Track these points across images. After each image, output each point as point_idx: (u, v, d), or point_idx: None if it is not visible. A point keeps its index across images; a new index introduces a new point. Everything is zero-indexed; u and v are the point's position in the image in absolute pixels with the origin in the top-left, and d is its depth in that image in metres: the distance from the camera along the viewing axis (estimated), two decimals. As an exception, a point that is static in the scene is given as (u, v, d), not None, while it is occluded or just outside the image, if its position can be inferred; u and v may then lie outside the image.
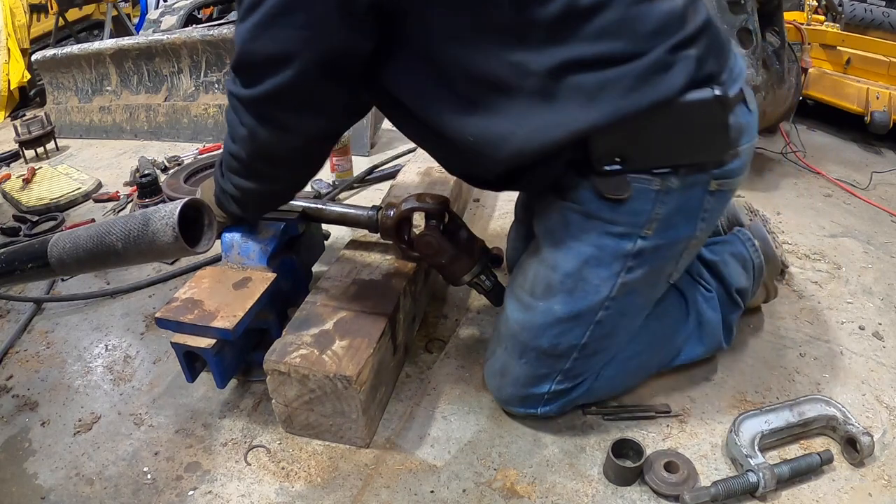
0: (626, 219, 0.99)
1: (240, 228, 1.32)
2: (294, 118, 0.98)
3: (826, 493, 1.02)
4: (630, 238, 1.00)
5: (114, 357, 1.46)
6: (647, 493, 1.04)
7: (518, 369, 1.12)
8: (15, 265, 1.30)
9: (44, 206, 2.26)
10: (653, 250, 1.01)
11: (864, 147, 2.44)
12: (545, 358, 1.09)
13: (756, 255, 1.24)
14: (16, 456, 1.21)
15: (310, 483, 1.10)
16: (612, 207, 0.99)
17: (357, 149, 2.47)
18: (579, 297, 1.04)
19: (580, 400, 1.16)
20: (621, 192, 0.96)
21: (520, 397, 1.15)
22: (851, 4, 2.59)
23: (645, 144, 0.95)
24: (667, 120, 0.92)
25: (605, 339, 1.09)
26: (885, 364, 1.30)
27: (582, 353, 1.09)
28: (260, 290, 1.21)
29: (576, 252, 1.03)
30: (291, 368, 1.09)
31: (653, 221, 0.98)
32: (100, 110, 3.11)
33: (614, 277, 1.02)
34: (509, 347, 1.13)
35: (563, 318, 1.06)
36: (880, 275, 1.60)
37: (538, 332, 1.08)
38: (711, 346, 1.23)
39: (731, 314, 1.23)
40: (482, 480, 1.08)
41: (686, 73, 0.90)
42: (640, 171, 0.96)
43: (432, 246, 1.27)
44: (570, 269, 1.04)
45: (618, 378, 1.17)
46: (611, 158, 0.95)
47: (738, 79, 0.98)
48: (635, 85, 0.89)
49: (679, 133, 0.94)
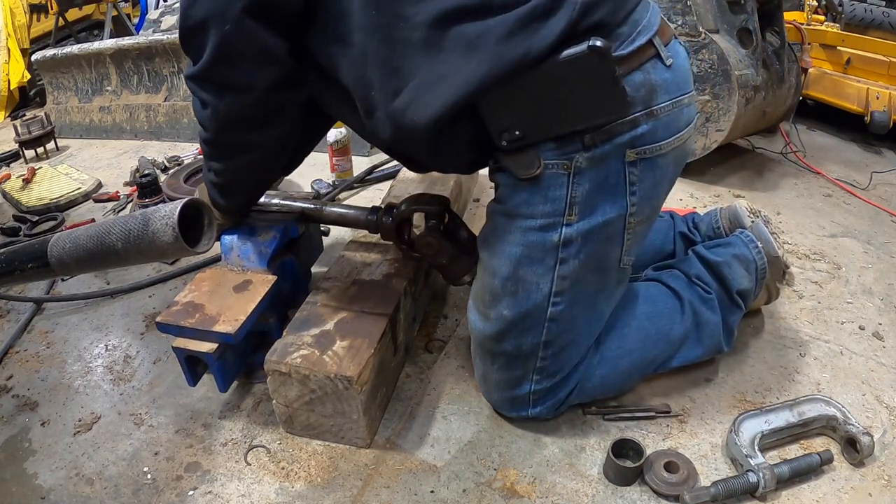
0: (543, 209, 0.97)
1: (239, 230, 1.32)
2: (243, 74, 0.99)
3: (826, 493, 1.02)
4: (554, 229, 0.97)
5: (114, 357, 1.46)
6: (647, 493, 1.04)
7: (495, 374, 1.14)
8: (15, 265, 1.30)
9: (44, 206, 2.26)
10: (583, 236, 0.98)
11: (864, 147, 2.44)
12: (514, 360, 1.10)
13: (759, 256, 1.24)
14: (16, 456, 1.21)
15: (310, 483, 1.10)
16: (528, 198, 0.97)
17: (357, 149, 2.47)
18: (522, 298, 1.03)
19: (574, 400, 1.16)
20: (532, 168, 0.93)
21: (507, 400, 1.16)
22: (851, 4, 2.60)
23: (534, 111, 0.91)
24: (548, 78, 0.87)
25: (567, 333, 1.07)
26: (885, 364, 1.30)
27: (547, 351, 1.08)
28: (261, 294, 1.21)
29: (507, 255, 1.02)
30: (292, 369, 1.09)
31: (573, 206, 0.95)
32: (100, 110, 3.11)
33: (550, 272, 1.00)
34: (481, 355, 1.15)
35: (515, 321, 1.05)
36: (880, 275, 1.60)
37: (498, 338, 1.08)
38: (710, 347, 1.22)
39: (732, 316, 1.23)
40: (482, 480, 1.08)
41: (566, 19, 0.84)
42: (541, 141, 0.92)
43: (433, 246, 1.27)
44: (506, 272, 1.03)
45: (610, 377, 1.16)
46: (509, 131, 0.92)
47: (643, 32, 0.92)
48: (512, 31, 0.84)
49: (565, 92, 0.88)
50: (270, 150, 1.17)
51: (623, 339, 1.16)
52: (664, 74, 0.95)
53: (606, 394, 1.19)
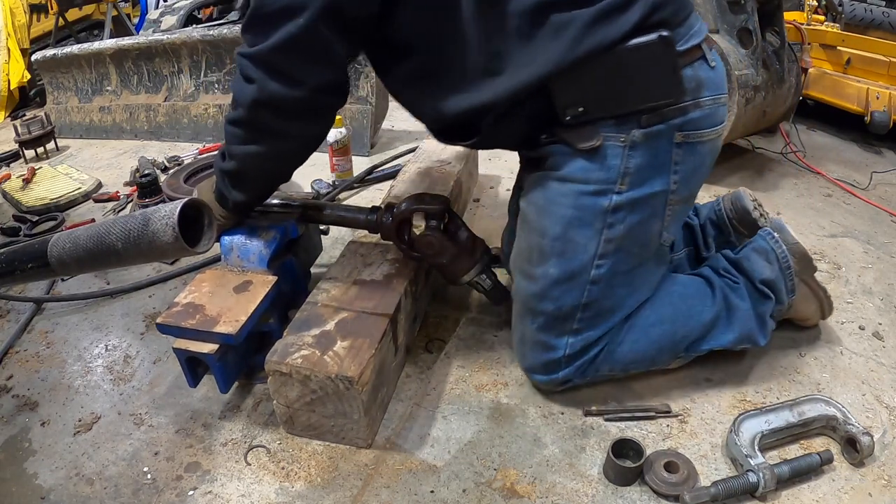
0: (598, 176, 1.05)
1: (239, 231, 1.32)
2: (299, 69, 1.03)
3: (826, 493, 1.02)
4: (605, 195, 1.06)
5: (114, 357, 1.46)
6: (647, 493, 1.04)
7: (532, 335, 1.19)
8: (15, 265, 1.30)
9: (44, 206, 2.26)
10: (630, 205, 1.07)
11: (864, 147, 2.44)
12: (553, 321, 1.16)
13: (776, 244, 1.25)
14: (16, 456, 1.21)
15: (310, 483, 1.10)
16: (585, 166, 1.06)
17: (357, 149, 2.47)
18: (570, 257, 1.11)
19: (603, 366, 1.19)
20: (592, 140, 1.03)
21: (541, 363, 1.20)
22: (851, 4, 2.60)
23: (601, 90, 1.01)
24: (617, 63, 0.99)
25: (605, 299, 1.14)
26: (885, 364, 1.30)
27: (585, 313, 1.14)
28: (262, 294, 1.21)
29: (559, 216, 1.10)
30: (293, 369, 1.09)
31: (625, 176, 1.05)
32: (100, 110, 3.11)
33: (598, 234, 1.09)
34: (521, 315, 1.21)
35: (559, 280, 1.12)
36: (880, 275, 1.60)
37: (541, 297, 1.15)
38: (743, 335, 1.22)
39: (761, 306, 1.23)
40: (482, 480, 1.08)
41: (640, 13, 0.97)
42: (602, 119, 1.03)
43: (433, 246, 1.27)
44: (556, 232, 1.10)
45: (639, 344, 1.18)
46: (573, 107, 1.02)
47: (695, 35, 1.06)
48: (595, 20, 0.97)
49: (631, 76, 1.00)
50: (297, 145, 1.19)
51: (654, 310, 1.19)
52: (709, 73, 1.07)
53: (636, 360, 1.20)
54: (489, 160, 2.39)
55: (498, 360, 1.35)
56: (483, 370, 1.33)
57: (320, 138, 1.20)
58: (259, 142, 1.13)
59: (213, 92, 2.90)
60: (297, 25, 0.97)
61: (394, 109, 3.04)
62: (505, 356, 1.36)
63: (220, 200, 1.26)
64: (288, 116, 1.09)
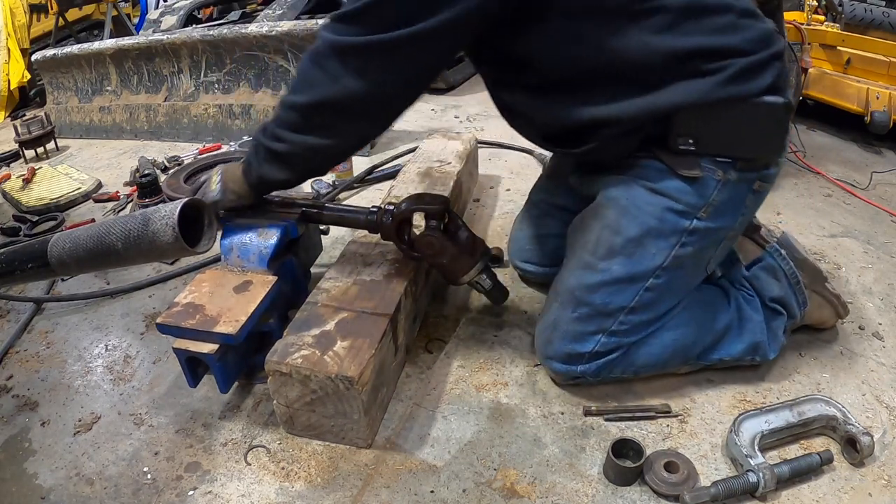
0: (689, 200, 1.11)
1: (239, 230, 1.32)
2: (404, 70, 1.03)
3: (826, 493, 1.02)
4: (688, 217, 1.12)
5: (114, 357, 1.46)
6: (647, 493, 1.04)
7: (568, 324, 1.20)
8: (15, 265, 1.30)
9: (44, 206, 2.26)
10: (703, 232, 1.14)
11: (864, 147, 2.44)
12: (595, 315, 1.18)
13: (784, 262, 1.28)
14: (16, 456, 1.21)
15: (310, 483, 1.10)
16: (681, 187, 1.11)
17: (357, 149, 2.47)
18: (637, 261, 1.15)
19: (617, 368, 1.21)
20: (693, 170, 1.09)
21: (565, 353, 1.20)
22: (851, 4, 2.59)
23: (719, 131, 1.07)
24: (744, 113, 1.06)
25: (650, 307, 1.18)
26: (885, 364, 1.30)
27: (627, 316, 1.17)
28: (262, 294, 1.21)
29: (640, 221, 1.14)
30: (293, 369, 1.09)
31: (709, 206, 1.12)
32: (100, 110, 3.11)
33: (669, 249, 1.14)
34: (564, 302, 1.21)
35: (619, 279, 1.16)
36: (880, 275, 1.60)
37: (594, 289, 1.17)
38: (752, 345, 1.23)
39: (773, 321, 1.25)
40: (482, 480, 1.08)
41: (773, 76, 1.06)
42: (708, 155, 1.09)
43: (433, 246, 1.27)
44: (633, 235, 1.14)
45: (654, 347, 1.20)
46: (686, 139, 1.08)
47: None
48: (737, 75, 1.03)
49: (750, 127, 1.08)
50: (354, 143, 1.20)
51: (671, 315, 1.21)
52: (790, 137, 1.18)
53: (647, 367, 1.22)
54: (489, 160, 2.39)
55: (498, 360, 1.35)
56: (483, 370, 1.33)
57: (376, 135, 1.20)
58: (316, 134, 1.11)
59: (213, 92, 2.90)
60: (435, 21, 0.94)
61: (394, 109, 3.04)
62: (505, 356, 1.36)
63: (246, 173, 1.22)
64: (354, 117, 1.08)
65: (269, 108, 2.75)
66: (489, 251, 1.36)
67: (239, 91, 2.86)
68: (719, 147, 1.09)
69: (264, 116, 2.77)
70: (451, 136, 2.09)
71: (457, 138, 2.07)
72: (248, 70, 2.81)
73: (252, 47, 2.72)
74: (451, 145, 2.01)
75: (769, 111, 1.07)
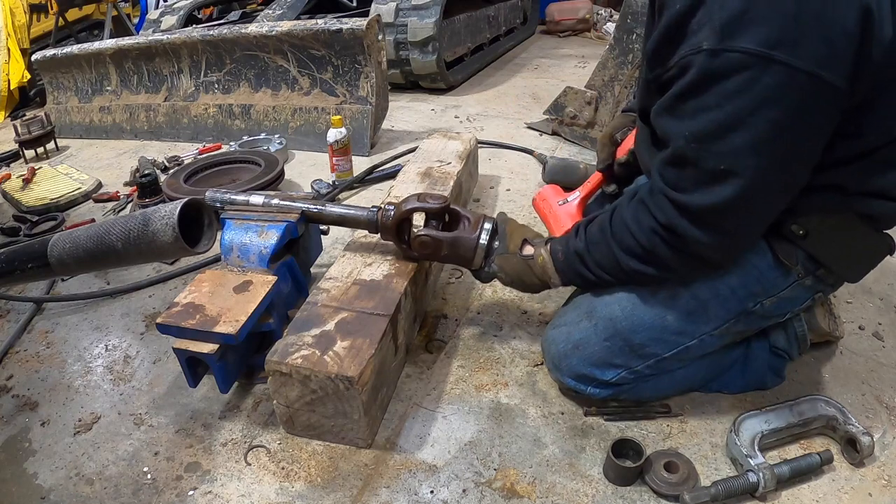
0: (764, 283, 1.08)
1: (239, 231, 1.32)
2: (754, 223, 0.99)
3: (826, 493, 1.02)
4: (756, 300, 1.09)
5: (114, 357, 1.46)
6: (647, 493, 1.04)
7: (595, 348, 1.15)
8: (15, 265, 1.30)
9: (44, 206, 2.26)
10: (759, 316, 1.11)
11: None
12: (627, 352, 1.14)
13: (798, 323, 1.25)
14: (16, 456, 1.21)
15: (310, 483, 1.10)
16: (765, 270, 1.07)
17: (357, 149, 2.47)
18: (693, 320, 1.11)
19: (623, 395, 1.19)
20: (791, 261, 1.05)
21: (580, 373, 1.17)
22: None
23: (833, 238, 1.03)
24: (867, 237, 1.04)
25: (680, 360, 1.15)
26: (885, 364, 1.30)
27: (657, 365, 1.14)
28: (262, 294, 1.21)
29: (713, 285, 1.09)
30: (293, 369, 1.09)
31: (777, 298, 1.09)
32: (100, 110, 3.12)
33: (725, 322, 1.11)
34: (600, 326, 1.16)
35: (666, 327, 1.12)
36: (880, 275, 1.60)
37: (638, 328, 1.13)
38: (751, 383, 1.24)
39: (776, 362, 1.25)
40: (482, 480, 1.08)
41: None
42: (806, 252, 1.05)
43: (428, 245, 1.27)
44: (701, 294, 1.10)
45: (664, 383, 1.20)
46: (800, 228, 1.03)
47: None
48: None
49: (860, 249, 1.06)
50: (684, 277, 1.13)
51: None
52: None
53: (653, 397, 1.21)
54: (489, 160, 2.39)
55: (498, 360, 1.36)
56: (483, 370, 1.33)
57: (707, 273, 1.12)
58: (652, 266, 1.07)
59: (212, 92, 2.91)
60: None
61: (394, 109, 3.04)
62: (505, 356, 1.36)
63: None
64: (699, 264, 1.04)
65: (269, 107, 2.76)
66: (491, 218, 1.29)
67: (239, 91, 2.86)
68: (822, 250, 1.05)
69: (264, 116, 2.77)
70: (451, 136, 2.10)
71: (457, 138, 2.08)
72: (248, 70, 2.81)
73: (252, 47, 2.72)
74: (451, 145, 2.01)
75: (879, 244, 1.06)
